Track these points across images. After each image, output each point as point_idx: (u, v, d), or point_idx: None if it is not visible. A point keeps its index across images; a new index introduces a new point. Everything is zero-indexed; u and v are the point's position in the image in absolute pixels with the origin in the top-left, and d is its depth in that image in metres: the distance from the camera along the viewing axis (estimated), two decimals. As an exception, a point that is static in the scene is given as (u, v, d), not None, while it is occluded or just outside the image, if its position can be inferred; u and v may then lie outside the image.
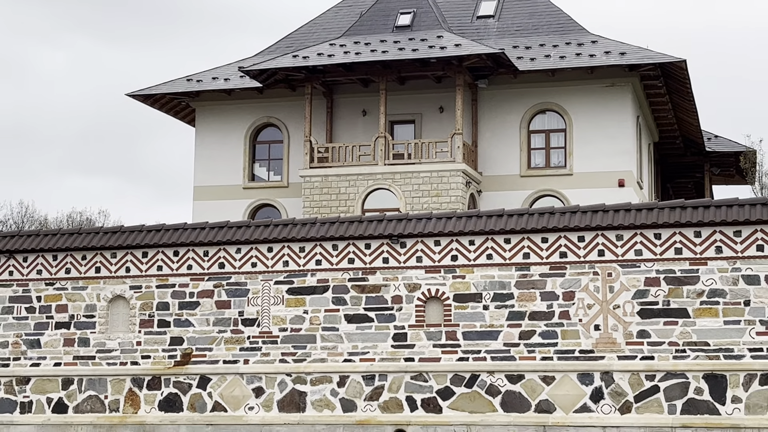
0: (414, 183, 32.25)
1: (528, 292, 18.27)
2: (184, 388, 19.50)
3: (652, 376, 17.50)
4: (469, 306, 18.50)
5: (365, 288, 19.01)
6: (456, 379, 18.33)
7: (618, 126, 32.67)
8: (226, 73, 35.67)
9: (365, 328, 18.89)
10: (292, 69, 32.94)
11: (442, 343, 18.52)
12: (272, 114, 35.40)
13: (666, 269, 17.73)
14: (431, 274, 18.78)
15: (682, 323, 17.53)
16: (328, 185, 32.78)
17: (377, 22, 34.40)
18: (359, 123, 34.39)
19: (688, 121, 37.07)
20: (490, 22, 35.88)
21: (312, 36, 36.85)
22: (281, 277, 19.41)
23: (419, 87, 33.90)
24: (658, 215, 17.92)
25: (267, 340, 19.28)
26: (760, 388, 17.07)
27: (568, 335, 17.99)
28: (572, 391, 17.79)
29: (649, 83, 33.56)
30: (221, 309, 19.58)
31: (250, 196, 35.03)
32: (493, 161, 33.58)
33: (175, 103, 37.10)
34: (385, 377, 18.63)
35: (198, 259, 19.86)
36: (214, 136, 35.68)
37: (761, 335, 17.21)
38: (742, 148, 38.62)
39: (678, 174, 43.17)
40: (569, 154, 33.01)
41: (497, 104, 33.65)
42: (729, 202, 17.89)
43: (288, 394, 18.98)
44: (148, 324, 19.89)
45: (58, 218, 53.37)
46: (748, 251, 17.46)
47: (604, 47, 32.91)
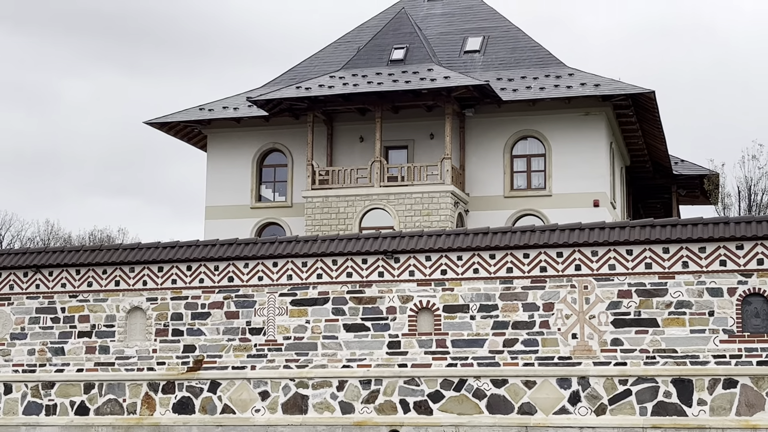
0: (407, 203, 32.21)
1: (511, 303, 18.25)
2: (196, 392, 19.43)
3: (624, 381, 17.47)
4: (458, 316, 18.47)
5: (362, 300, 18.97)
6: (445, 383, 18.28)
7: (593, 151, 32.68)
8: (235, 102, 35.68)
9: (362, 337, 18.84)
10: (296, 99, 32.95)
11: (433, 350, 18.48)
12: (277, 140, 35.40)
13: (637, 282, 17.73)
14: (423, 286, 18.76)
15: (652, 332, 17.51)
16: (328, 205, 32.73)
17: (373, 57, 34.45)
18: (357, 148, 34.39)
19: (657, 147, 37.11)
20: (476, 56, 35.95)
21: (314, 69, 36.88)
22: (285, 290, 19.38)
23: (412, 115, 33.92)
24: (629, 233, 17.93)
25: (272, 347, 19.23)
26: (723, 392, 17.04)
27: (548, 343, 17.96)
28: (552, 394, 17.74)
29: (621, 112, 33.60)
30: (230, 319, 19.54)
31: (257, 216, 34.98)
32: (479, 183, 33.58)
33: (189, 130, 37.07)
34: (380, 382, 18.57)
35: (209, 273, 19.82)
36: (224, 160, 35.66)
37: (724, 343, 17.20)
38: (706, 171, 38.65)
39: (648, 195, 43.16)
40: (548, 176, 33.02)
41: (483, 131, 33.67)
42: (694, 221, 17.90)
43: (291, 398, 18.92)
44: (163, 333, 19.84)
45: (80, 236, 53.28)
46: (711, 266, 17.46)
47: (580, 79, 32.97)
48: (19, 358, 20.47)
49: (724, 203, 36.00)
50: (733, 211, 35.49)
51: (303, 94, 32.60)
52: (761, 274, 17.22)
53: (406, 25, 35.41)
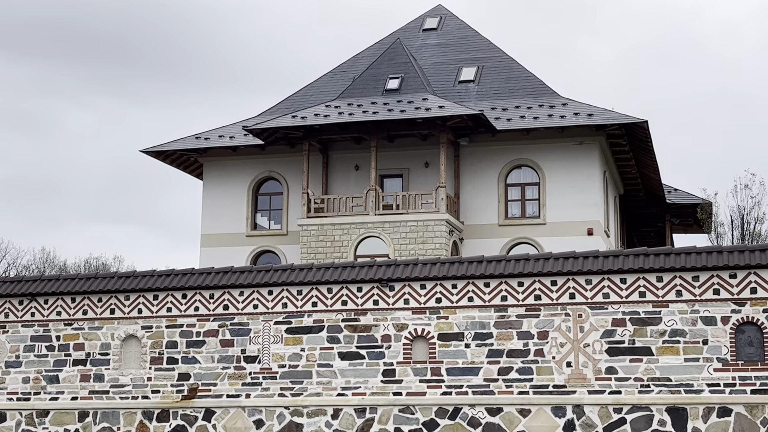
0: (402, 231, 32.21)
1: (506, 332, 18.19)
2: (190, 420, 19.30)
3: (619, 409, 17.39)
4: (452, 344, 18.40)
5: (357, 328, 18.91)
6: (440, 411, 18.18)
7: (587, 180, 32.77)
8: (231, 131, 35.75)
9: (357, 365, 18.75)
10: (291, 128, 33.03)
11: (428, 378, 18.39)
12: (273, 168, 35.44)
13: (631, 311, 17.69)
14: (417, 315, 18.71)
15: (646, 360, 17.46)
16: (323, 233, 32.72)
17: (369, 86, 34.59)
18: (352, 177, 34.43)
19: (650, 176, 37.21)
20: (470, 86, 36.11)
21: (309, 98, 37.01)
22: (280, 318, 19.30)
23: (407, 144, 34.01)
24: (623, 261, 17.91)
25: (267, 375, 19.13)
26: (717, 420, 16.96)
27: (543, 371, 17.89)
28: (547, 422, 17.64)
29: (614, 141, 33.73)
30: (225, 347, 19.44)
31: (253, 243, 34.94)
32: (473, 212, 33.61)
33: (185, 158, 37.10)
34: (375, 410, 18.46)
35: (204, 301, 19.75)
36: (219, 188, 35.67)
37: (718, 371, 17.15)
38: (699, 200, 38.74)
39: (641, 223, 43.22)
40: (542, 205, 33.08)
41: (477, 160, 33.76)
42: (687, 250, 17.90)
43: (286, 426, 18.79)
44: (158, 361, 19.72)
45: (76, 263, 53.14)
46: (705, 294, 17.44)
47: (574, 109, 33.12)
48: (14, 386, 20.32)
49: (717, 232, 36.02)
50: (726, 240, 35.53)
51: (299, 123, 32.68)
52: (755, 303, 17.20)
53: (401, 55, 35.60)
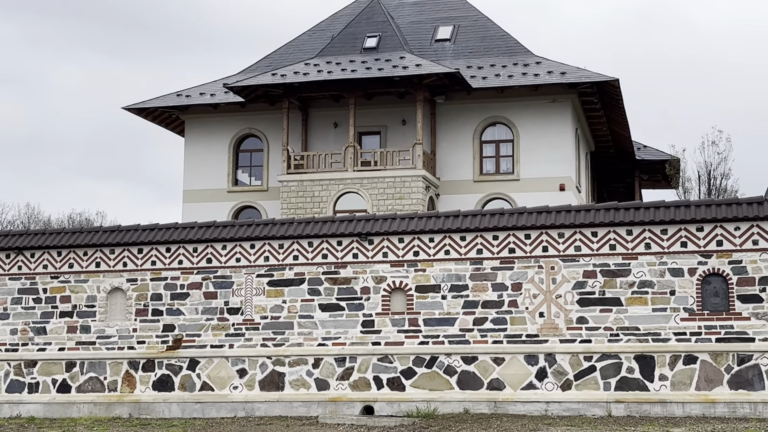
0: (380, 187, 32.25)
1: (481, 284, 18.36)
2: (175, 369, 19.41)
3: (589, 357, 17.66)
4: (429, 296, 18.56)
5: (337, 280, 19.01)
6: (417, 360, 18.38)
7: (559, 137, 32.87)
8: (212, 89, 35.49)
9: (337, 316, 18.89)
10: (271, 86, 32.84)
11: (405, 328, 18.57)
12: (253, 126, 35.27)
13: (602, 263, 17.89)
14: (396, 267, 18.82)
15: (615, 310, 17.70)
16: (303, 189, 32.70)
17: (347, 45, 34.38)
18: (331, 134, 34.36)
19: (621, 133, 37.37)
20: (446, 45, 35.97)
21: (289, 56, 36.75)
22: (262, 271, 19.37)
23: (384, 102, 33.92)
24: (594, 216, 18.07)
25: (250, 327, 19.23)
26: (683, 368, 17.27)
27: (516, 321, 18.11)
28: (520, 370, 17.90)
29: (586, 99, 33.79)
30: (209, 299, 19.51)
31: (234, 199, 34.88)
32: (449, 168, 33.67)
33: (167, 115, 36.83)
34: (354, 359, 18.64)
35: (188, 254, 19.76)
36: (201, 145, 35.50)
37: (685, 321, 17.42)
38: (668, 156, 38.98)
39: (612, 179, 43.46)
40: (516, 161, 33.19)
41: (453, 117, 33.75)
42: (656, 204, 18.07)
43: (268, 375, 18.94)
44: (143, 313, 19.77)
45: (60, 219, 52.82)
46: (673, 247, 17.66)
47: (547, 67, 33.11)
48: (2, 337, 20.31)
49: (684, 187, 36.31)
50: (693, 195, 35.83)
51: (278, 81, 32.48)
52: (720, 255, 17.44)
53: (379, 14, 35.37)
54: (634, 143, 39.66)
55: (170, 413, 19.08)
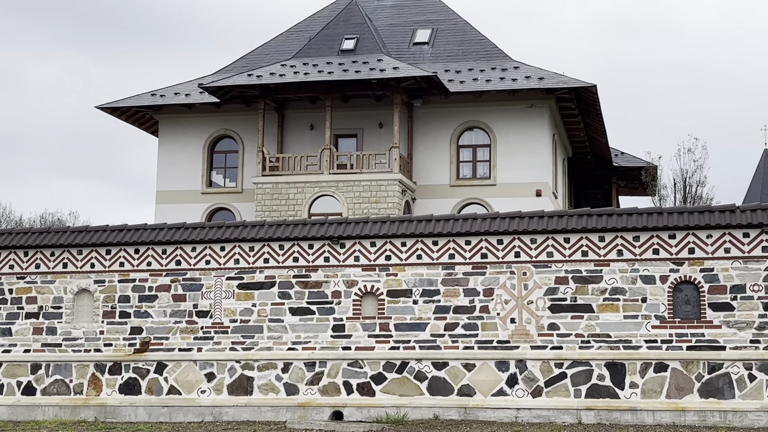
0: (355, 190, 32.17)
1: (453, 289, 18.32)
2: (142, 373, 19.24)
3: (560, 364, 17.65)
4: (401, 300, 18.50)
5: (308, 284, 18.91)
6: (388, 365, 18.31)
7: (536, 142, 32.92)
8: (187, 89, 35.30)
9: (307, 320, 18.79)
10: (247, 86, 32.70)
11: (376, 333, 18.49)
12: (228, 126, 35.11)
13: (574, 269, 17.90)
14: (367, 272, 18.75)
15: (587, 317, 17.70)
16: (278, 191, 32.57)
17: (324, 46, 34.31)
18: (307, 136, 34.25)
19: (598, 139, 37.48)
20: (425, 48, 35.96)
21: (265, 57, 36.63)
22: (232, 274, 19.24)
23: (361, 105, 33.86)
24: (567, 221, 18.08)
25: (219, 330, 19.09)
26: (654, 375, 17.30)
27: (488, 327, 18.07)
28: (490, 376, 17.86)
29: (564, 105, 33.88)
30: (177, 302, 19.35)
31: (208, 201, 34.69)
32: (426, 172, 33.64)
33: (141, 115, 36.61)
34: (324, 364, 18.54)
35: (157, 256, 19.60)
36: (175, 145, 35.28)
37: (656, 328, 17.45)
38: (645, 163, 39.12)
39: (589, 186, 43.61)
40: (493, 166, 33.21)
41: (430, 121, 33.73)
42: (629, 211, 18.10)
43: (237, 379, 18.81)
44: (111, 315, 19.58)
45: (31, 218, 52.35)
46: (645, 254, 17.69)
47: (525, 72, 33.16)
48: (-34, 338, 20.07)
49: (660, 195, 36.44)
50: (669, 202, 35.95)
51: (254, 81, 32.36)
52: (692, 263, 17.49)
53: (357, 16, 35.33)
54: (612, 150, 39.81)
55: (137, 417, 18.90)
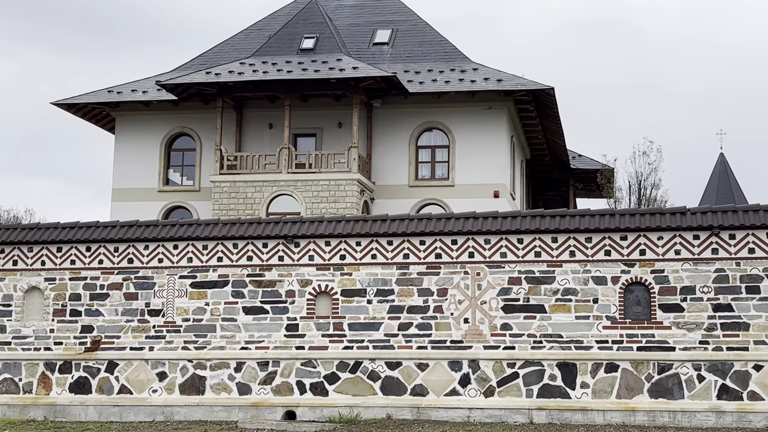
0: (314, 190, 32.11)
1: (407, 288, 18.35)
2: (93, 372, 19.03)
3: (512, 364, 17.75)
4: (355, 300, 18.49)
5: (262, 283, 18.83)
6: (341, 365, 18.29)
7: (494, 144, 33.07)
8: (144, 86, 34.98)
9: (261, 319, 18.71)
10: (205, 84, 32.49)
11: (330, 333, 18.46)
12: (186, 124, 34.85)
13: (527, 270, 18.01)
14: (322, 271, 18.71)
15: (539, 317, 17.82)
16: (236, 190, 32.41)
17: (284, 45, 34.20)
18: (266, 135, 34.11)
19: (556, 142, 37.75)
20: (384, 48, 35.98)
21: (224, 55, 36.42)
22: (185, 272, 19.10)
23: (320, 104, 33.79)
24: (521, 222, 18.19)
25: (171, 329, 18.94)
26: (605, 375, 17.46)
27: (441, 327, 18.12)
28: (443, 376, 17.91)
29: (522, 107, 34.07)
30: (129, 300, 19.17)
31: (165, 199, 34.40)
32: (385, 172, 33.66)
33: (97, 112, 36.21)
34: (278, 363, 18.47)
35: (109, 254, 19.40)
36: (132, 143, 34.95)
37: (607, 329, 17.61)
38: (601, 166, 39.49)
39: (547, 188, 43.90)
40: (451, 167, 33.31)
41: (389, 122, 33.76)
42: (581, 212, 18.25)
43: (189, 379, 18.68)
44: (61, 313, 19.35)
45: (-15, 216, 51.57)
46: (597, 255, 17.85)
47: (484, 74, 33.31)
48: None
49: (615, 197, 36.81)
50: (624, 205, 36.33)
51: (212, 79, 32.16)
52: (643, 264, 17.67)
53: (317, 15, 35.27)
54: (570, 152, 40.11)
55: (87, 416, 18.70)
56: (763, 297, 17.21)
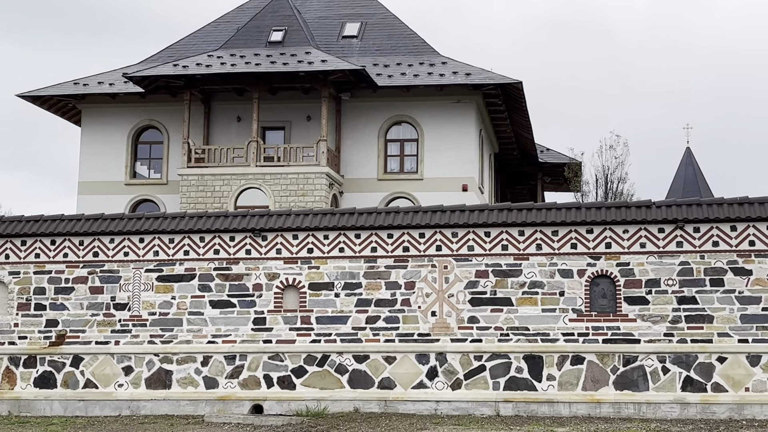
0: (282, 183, 32.00)
1: (374, 282, 18.34)
2: (58, 366, 18.84)
3: (479, 357, 17.81)
4: (323, 294, 18.45)
5: (229, 276, 18.74)
6: (309, 359, 18.25)
7: (463, 137, 33.12)
8: (111, 78, 34.64)
9: (228, 313, 18.62)
10: (173, 77, 32.25)
11: (298, 326, 18.42)
12: (153, 117, 34.58)
13: (494, 263, 18.06)
14: (289, 264, 18.65)
15: (506, 310, 17.89)
16: (204, 183, 32.22)
17: (252, 37, 34.02)
18: (234, 128, 33.93)
19: (524, 135, 37.88)
20: (353, 41, 35.91)
21: (192, 47, 36.15)
22: (151, 266, 18.95)
23: (289, 97, 33.66)
24: (488, 216, 18.23)
25: (137, 323, 18.80)
26: (571, 368, 17.56)
27: (409, 320, 18.14)
28: (411, 369, 17.93)
29: (490, 101, 34.14)
30: (95, 294, 19.00)
31: (132, 192, 34.13)
32: (353, 166, 33.62)
33: (63, 104, 35.82)
34: (245, 357, 18.40)
35: (74, 248, 19.21)
36: (98, 135, 34.61)
37: (573, 322, 17.71)
38: (568, 159, 39.68)
39: (515, 181, 44.04)
40: (420, 161, 33.33)
41: (358, 115, 33.70)
42: (548, 206, 18.32)
43: (155, 373, 18.55)
44: (26, 307, 19.13)
45: (-51, 209, 50.87)
46: (563, 248, 17.93)
47: (453, 68, 33.34)
48: None
49: (582, 191, 37.00)
50: (591, 198, 36.56)
51: (180, 72, 31.92)
52: (609, 257, 17.79)
53: (286, 8, 35.11)
54: (538, 146, 40.26)
55: (52, 411, 18.52)
56: (727, 290, 17.39)
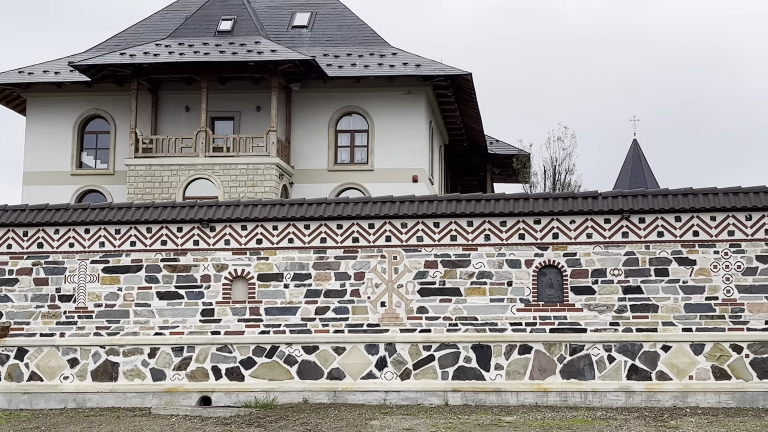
0: (232, 174, 31.75)
1: (324, 273, 18.28)
2: (1, 359, 18.49)
3: (428, 347, 17.86)
4: (272, 284, 18.35)
5: (176, 268, 18.54)
6: (258, 350, 18.15)
7: (413, 129, 33.15)
8: (57, 66, 34.04)
9: (176, 305, 18.43)
10: (120, 66, 31.78)
11: (246, 317, 18.30)
12: (100, 106, 34.05)
13: (443, 253, 18.12)
14: (238, 255, 18.52)
15: (455, 300, 17.96)
16: (151, 174, 31.83)
17: (201, 26, 33.65)
18: (182, 118, 33.56)
19: (474, 127, 38.03)
20: (303, 32, 35.72)
21: (140, 36, 35.67)
22: (97, 257, 18.68)
23: (238, 87, 33.38)
24: (437, 206, 18.27)
25: (83, 315, 18.53)
26: (518, 357, 17.70)
27: (358, 311, 18.13)
28: (360, 360, 17.93)
29: (440, 92, 34.20)
30: (39, 286, 18.68)
31: (78, 182, 33.59)
32: (304, 156, 33.47)
33: (7, 93, 35.11)
34: (193, 349, 18.25)
35: (17, 238, 18.85)
36: (43, 125, 34.00)
37: (521, 311, 17.85)
38: (517, 151, 39.93)
39: (465, 173, 44.21)
40: (371, 152, 33.30)
41: (309, 106, 33.55)
42: (496, 197, 18.42)
43: (101, 365, 18.31)
44: (-33, 299, 18.77)
45: None
46: (511, 239, 18.05)
47: (403, 59, 33.33)
48: None
49: (531, 182, 37.26)
50: (539, 189, 36.80)
51: (127, 60, 31.47)
52: (556, 248, 17.94)
53: (235, -3, 34.77)
54: (488, 137, 40.44)
55: (-5, 405, 18.19)
56: (672, 279, 17.65)
